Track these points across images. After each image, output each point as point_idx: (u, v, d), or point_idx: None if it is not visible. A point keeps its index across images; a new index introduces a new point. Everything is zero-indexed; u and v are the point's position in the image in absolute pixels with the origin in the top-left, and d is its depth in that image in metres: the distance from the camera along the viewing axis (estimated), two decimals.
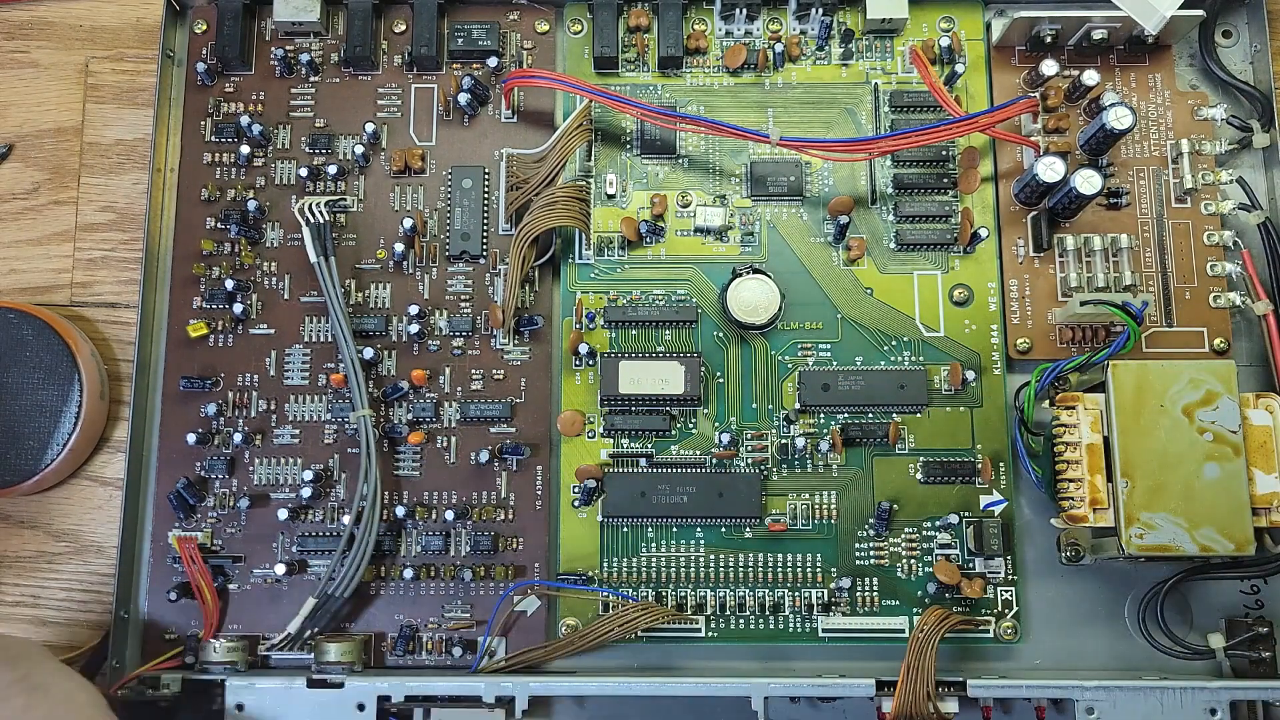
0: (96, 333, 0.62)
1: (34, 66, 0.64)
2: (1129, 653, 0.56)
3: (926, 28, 0.62)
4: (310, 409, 0.58)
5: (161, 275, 0.60)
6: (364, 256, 0.60)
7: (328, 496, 0.58)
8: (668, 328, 0.59)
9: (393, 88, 0.62)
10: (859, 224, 0.60)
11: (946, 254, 0.60)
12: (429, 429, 0.58)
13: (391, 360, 0.59)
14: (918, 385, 0.58)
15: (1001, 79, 0.62)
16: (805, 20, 0.62)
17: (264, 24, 0.62)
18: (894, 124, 0.61)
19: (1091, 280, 0.59)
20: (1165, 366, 0.52)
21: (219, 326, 0.59)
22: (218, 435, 0.58)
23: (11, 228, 0.63)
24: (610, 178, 0.60)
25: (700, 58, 0.62)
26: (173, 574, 0.57)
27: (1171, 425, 0.51)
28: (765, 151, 0.61)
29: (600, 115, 0.61)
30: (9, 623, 0.59)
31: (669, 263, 0.60)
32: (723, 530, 0.57)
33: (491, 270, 0.60)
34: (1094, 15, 0.59)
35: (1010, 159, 0.61)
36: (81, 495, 0.60)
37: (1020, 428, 0.56)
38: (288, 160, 0.61)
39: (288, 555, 0.57)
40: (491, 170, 0.61)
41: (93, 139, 0.64)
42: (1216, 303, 0.59)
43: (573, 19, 0.63)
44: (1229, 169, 0.60)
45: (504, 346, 0.59)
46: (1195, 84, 0.62)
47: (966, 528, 0.57)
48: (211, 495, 0.57)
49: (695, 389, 0.57)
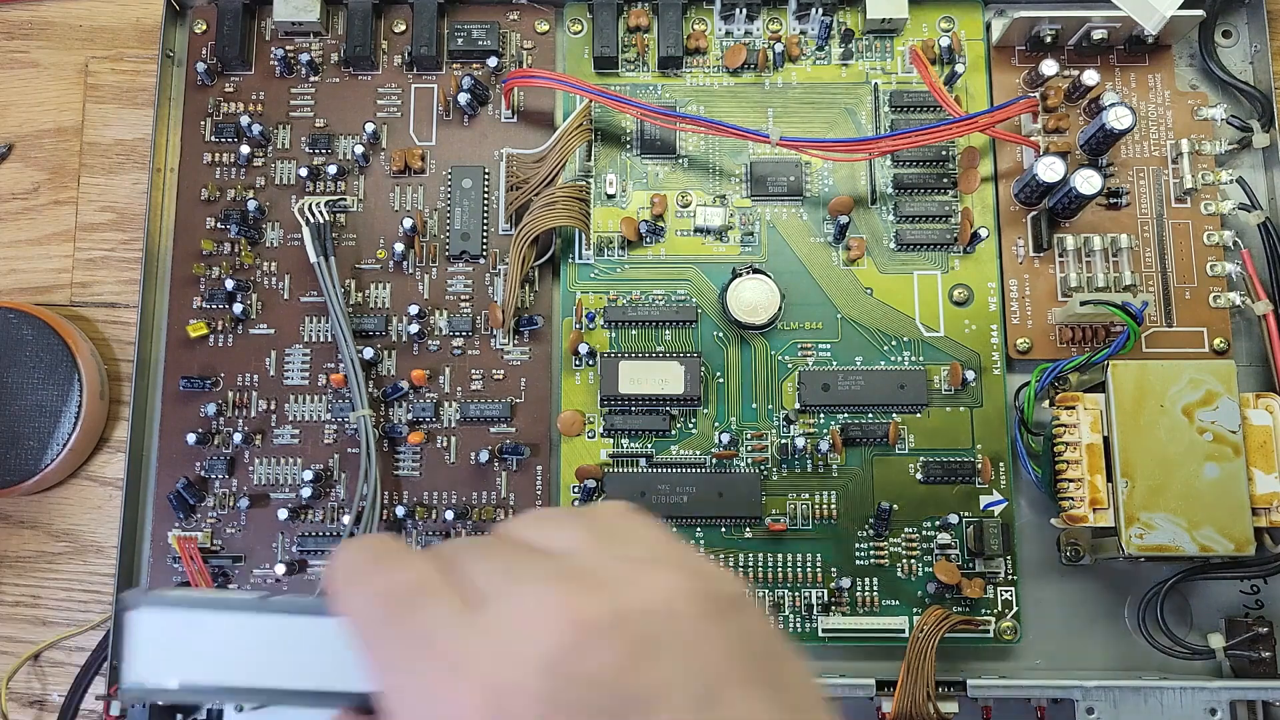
0: (96, 333, 0.62)
1: (34, 66, 0.64)
2: (1129, 653, 0.56)
3: (926, 28, 0.62)
4: (310, 409, 0.58)
5: (161, 275, 0.60)
6: (364, 256, 0.60)
7: (328, 496, 0.58)
8: (668, 328, 0.59)
9: (393, 88, 0.62)
10: (859, 224, 0.60)
11: (946, 254, 0.60)
12: (429, 429, 0.58)
13: (391, 360, 0.59)
14: (918, 385, 0.58)
15: (1001, 79, 0.62)
16: (805, 20, 0.62)
17: (264, 24, 0.62)
18: (894, 124, 0.61)
19: (1091, 280, 0.59)
20: (1165, 366, 0.52)
21: (219, 326, 0.59)
22: (218, 435, 0.58)
23: (11, 228, 0.63)
24: (610, 178, 0.60)
25: (700, 58, 0.62)
26: (173, 574, 0.57)
27: (1171, 425, 0.51)
28: (765, 151, 0.61)
29: (600, 115, 0.61)
30: (9, 623, 0.59)
31: (669, 263, 0.60)
32: (723, 530, 0.57)
33: (491, 270, 0.60)
34: (1094, 15, 0.59)
35: (1010, 159, 0.61)
36: (81, 495, 0.60)
37: (1020, 428, 0.56)
38: (288, 160, 0.61)
39: (288, 555, 0.57)
40: (491, 170, 0.61)
41: (92, 139, 0.64)
42: (1216, 303, 0.59)
43: (573, 19, 0.63)
44: (1229, 169, 0.60)
45: (504, 346, 0.59)
46: (1195, 84, 0.62)
47: (966, 528, 0.57)
48: (211, 495, 0.57)
49: (695, 389, 0.57)
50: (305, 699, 0.28)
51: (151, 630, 0.29)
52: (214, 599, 0.30)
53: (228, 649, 0.29)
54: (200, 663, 0.29)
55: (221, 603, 0.29)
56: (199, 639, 0.29)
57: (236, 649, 0.29)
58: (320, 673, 0.28)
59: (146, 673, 0.29)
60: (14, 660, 0.58)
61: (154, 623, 0.29)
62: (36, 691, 0.58)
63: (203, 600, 0.30)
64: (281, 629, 0.29)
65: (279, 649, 0.29)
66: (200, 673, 0.29)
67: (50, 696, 0.58)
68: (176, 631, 0.29)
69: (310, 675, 0.28)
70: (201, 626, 0.29)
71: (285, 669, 0.28)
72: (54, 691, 0.58)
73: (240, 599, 0.30)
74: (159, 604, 0.29)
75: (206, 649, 0.29)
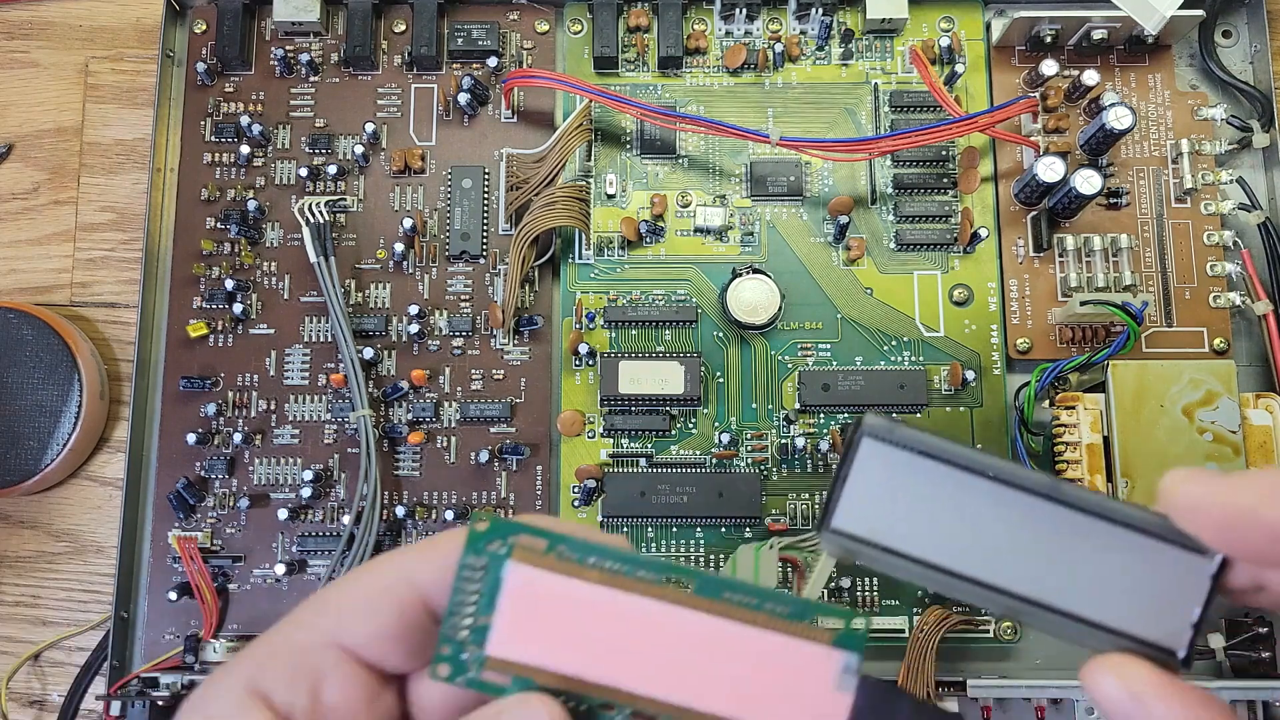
0: (96, 333, 0.62)
1: (34, 66, 0.64)
2: None
3: (926, 28, 0.62)
4: (310, 409, 0.58)
5: (161, 275, 0.60)
6: (364, 256, 0.60)
7: (328, 496, 0.58)
8: (668, 328, 0.59)
9: (393, 88, 0.62)
10: (859, 224, 0.60)
11: (946, 254, 0.60)
12: (429, 429, 0.58)
13: (391, 360, 0.59)
14: (917, 385, 0.58)
15: (1001, 79, 0.62)
16: (805, 20, 0.62)
17: (264, 24, 0.62)
18: (894, 124, 0.61)
19: (1091, 280, 0.59)
20: (1165, 366, 0.52)
21: (219, 326, 0.59)
22: (218, 435, 0.58)
23: (11, 228, 0.63)
24: (610, 178, 0.60)
25: (700, 58, 0.62)
26: (173, 574, 0.57)
27: (1171, 425, 0.51)
28: (765, 151, 0.61)
29: (600, 115, 0.61)
30: (9, 623, 0.59)
31: (669, 263, 0.60)
32: (723, 530, 0.57)
33: (491, 270, 0.60)
34: (1094, 15, 0.59)
35: (1010, 159, 0.61)
36: (81, 495, 0.60)
37: (1020, 428, 0.56)
38: (288, 160, 0.61)
39: (288, 555, 0.57)
40: (491, 170, 0.61)
41: (92, 139, 0.64)
42: (1216, 303, 0.59)
43: (572, 19, 0.63)
44: (1229, 169, 0.60)
45: (504, 346, 0.59)
46: (1195, 84, 0.62)
47: None
48: (211, 495, 0.57)
49: (695, 389, 0.57)
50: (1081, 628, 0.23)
51: (886, 473, 0.24)
52: (983, 463, 0.24)
53: (977, 529, 0.24)
54: (935, 534, 0.24)
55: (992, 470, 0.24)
56: (943, 505, 0.24)
57: (990, 533, 0.24)
58: (1110, 601, 0.23)
59: (866, 523, 0.24)
60: (14, 660, 0.58)
61: (897, 464, 0.24)
62: (36, 691, 0.58)
63: (969, 461, 0.24)
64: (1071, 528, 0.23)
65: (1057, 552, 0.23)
66: (933, 547, 0.24)
67: (50, 696, 0.58)
68: (922, 487, 0.24)
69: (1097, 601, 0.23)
70: (960, 492, 0.24)
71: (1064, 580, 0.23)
72: (54, 691, 0.58)
73: (1028, 476, 0.24)
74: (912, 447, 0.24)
75: (948, 519, 0.24)
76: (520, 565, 0.24)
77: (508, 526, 0.24)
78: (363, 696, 0.25)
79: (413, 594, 0.25)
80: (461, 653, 0.24)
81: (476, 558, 0.24)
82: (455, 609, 0.24)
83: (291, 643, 0.25)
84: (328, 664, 0.25)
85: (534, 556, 0.24)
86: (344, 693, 0.25)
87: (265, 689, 0.24)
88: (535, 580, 0.24)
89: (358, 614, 0.25)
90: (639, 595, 0.24)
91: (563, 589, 0.24)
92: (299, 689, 0.24)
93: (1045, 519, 0.24)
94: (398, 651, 0.25)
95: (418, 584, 0.25)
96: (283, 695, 0.24)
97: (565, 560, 0.24)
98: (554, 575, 0.24)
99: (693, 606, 0.24)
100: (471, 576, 0.24)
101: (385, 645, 0.25)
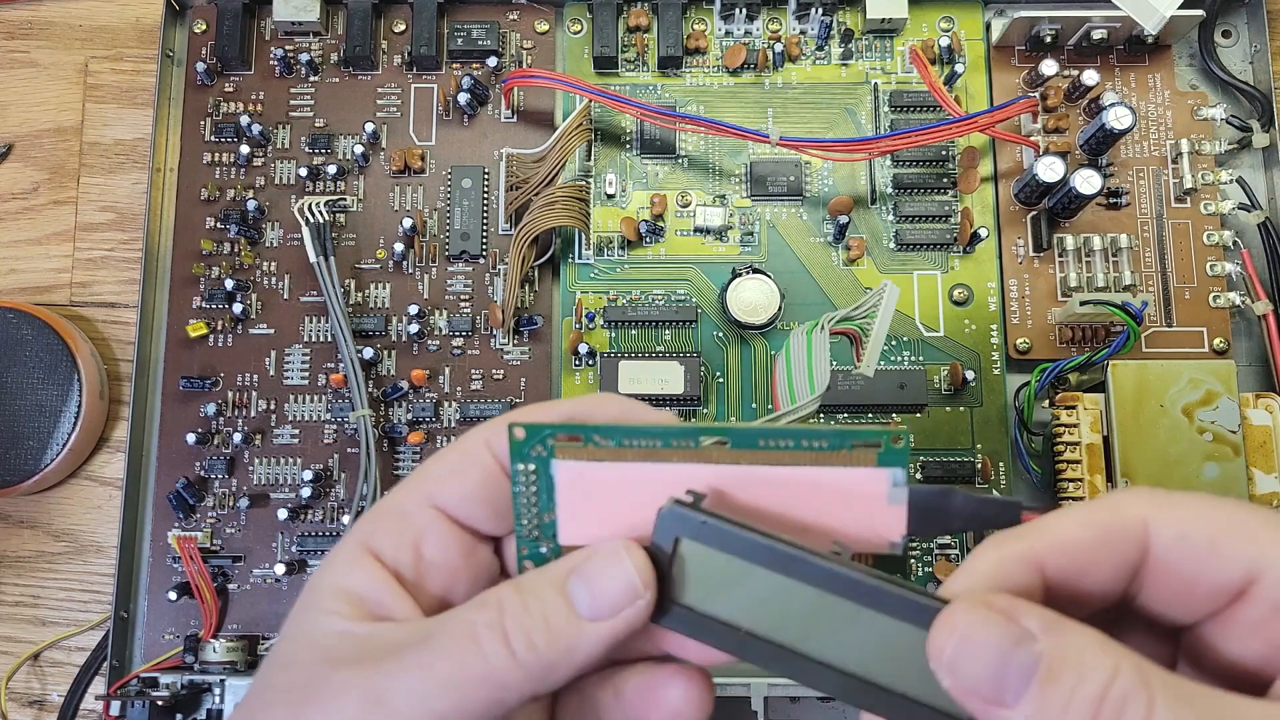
0: (96, 333, 0.62)
1: (34, 66, 0.64)
2: None
3: (926, 28, 0.62)
4: (310, 409, 0.58)
5: (161, 275, 0.60)
6: (364, 256, 0.60)
7: (328, 496, 0.58)
8: (668, 328, 0.59)
9: (392, 88, 0.62)
10: (859, 224, 0.60)
11: (946, 254, 0.60)
12: (429, 429, 0.58)
13: (391, 360, 0.59)
14: (917, 385, 0.57)
15: (1001, 79, 0.62)
16: (805, 20, 0.62)
17: (264, 24, 0.62)
18: (894, 124, 0.61)
19: (1091, 280, 0.59)
20: (1165, 366, 0.52)
21: (219, 326, 0.59)
22: (217, 435, 0.58)
23: (11, 228, 0.63)
24: (610, 178, 0.60)
25: (700, 58, 0.62)
26: (172, 574, 0.57)
27: (1171, 425, 0.51)
28: (765, 151, 0.61)
29: (600, 115, 0.61)
30: (9, 623, 0.59)
31: (669, 263, 0.60)
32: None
33: (491, 270, 0.60)
34: (1094, 15, 0.59)
35: (1010, 159, 0.61)
36: (81, 495, 0.60)
37: (1020, 428, 0.56)
38: (287, 160, 0.61)
39: (288, 555, 0.57)
40: (491, 170, 0.61)
41: (92, 139, 0.64)
42: (1216, 303, 0.59)
43: (572, 19, 0.63)
44: (1229, 169, 0.60)
45: (504, 346, 0.59)
46: (1195, 84, 0.62)
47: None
48: (211, 495, 0.57)
49: (695, 389, 0.57)
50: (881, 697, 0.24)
51: (701, 562, 0.25)
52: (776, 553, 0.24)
53: (774, 606, 0.24)
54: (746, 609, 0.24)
55: (781, 562, 0.24)
56: (744, 587, 0.24)
57: (786, 611, 0.24)
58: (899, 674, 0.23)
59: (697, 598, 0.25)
60: (14, 660, 0.58)
61: (702, 557, 0.25)
62: (36, 691, 0.58)
63: (761, 553, 0.24)
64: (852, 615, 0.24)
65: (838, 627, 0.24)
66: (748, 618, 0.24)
67: (50, 696, 0.58)
68: (724, 573, 0.24)
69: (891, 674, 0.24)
70: (750, 578, 0.24)
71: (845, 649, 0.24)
72: (53, 691, 0.58)
73: (809, 562, 0.24)
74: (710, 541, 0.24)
75: (753, 597, 0.24)
76: (566, 461, 0.26)
77: (542, 430, 0.26)
78: (459, 552, 0.28)
79: (492, 460, 0.28)
80: (539, 548, 0.27)
81: (525, 464, 0.26)
82: (521, 511, 0.27)
83: (395, 506, 0.29)
84: (426, 523, 0.28)
85: (575, 449, 0.26)
86: (442, 548, 0.28)
87: (376, 546, 0.28)
88: (583, 471, 0.26)
89: (447, 478, 0.28)
90: (680, 462, 0.25)
91: (611, 473, 0.26)
92: (404, 545, 0.28)
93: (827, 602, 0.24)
94: (484, 511, 0.28)
95: (495, 450, 0.28)
96: (390, 551, 0.28)
97: (604, 447, 0.26)
98: (599, 463, 0.26)
99: (733, 461, 0.25)
100: (527, 479, 0.26)
101: (473, 506, 0.28)
